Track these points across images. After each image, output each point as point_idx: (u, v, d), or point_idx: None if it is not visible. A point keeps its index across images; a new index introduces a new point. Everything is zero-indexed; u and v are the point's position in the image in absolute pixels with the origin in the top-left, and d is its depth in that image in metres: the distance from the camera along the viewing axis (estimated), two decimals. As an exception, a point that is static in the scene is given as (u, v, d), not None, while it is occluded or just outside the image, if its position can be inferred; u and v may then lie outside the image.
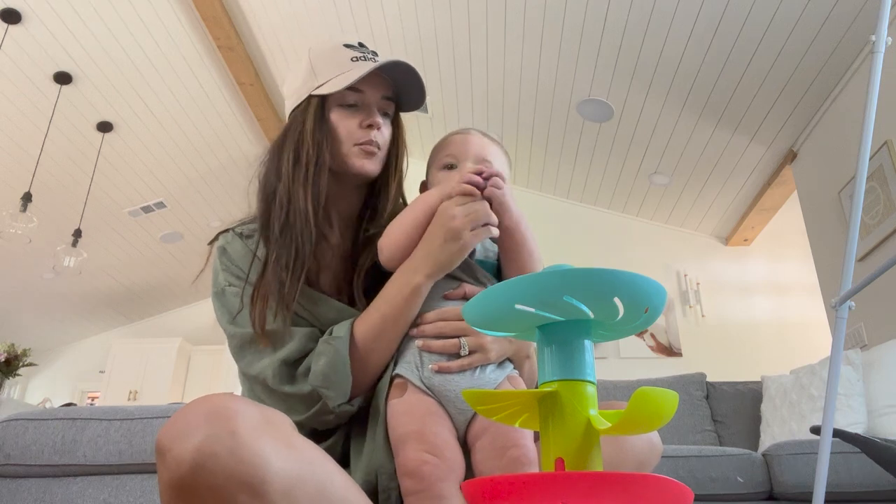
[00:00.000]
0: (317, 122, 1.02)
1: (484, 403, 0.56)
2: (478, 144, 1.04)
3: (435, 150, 1.08)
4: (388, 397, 0.91)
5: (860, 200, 1.54)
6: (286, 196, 0.99)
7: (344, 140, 1.03)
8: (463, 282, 0.98)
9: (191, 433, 0.63)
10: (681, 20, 3.50)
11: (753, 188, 4.86)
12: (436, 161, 1.06)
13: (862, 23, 3.22)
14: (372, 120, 1.04)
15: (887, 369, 2.58)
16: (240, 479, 0.63)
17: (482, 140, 1.06)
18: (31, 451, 1.66)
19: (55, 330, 7.09)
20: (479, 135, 1.07)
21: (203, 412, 0.65)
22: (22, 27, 3.83)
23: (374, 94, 1.05)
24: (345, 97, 1.03)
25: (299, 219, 0.98)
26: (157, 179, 5.29)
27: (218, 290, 1.02)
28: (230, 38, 4.11)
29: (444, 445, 0.82)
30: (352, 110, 1.04)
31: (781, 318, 5.30)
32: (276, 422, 0.71)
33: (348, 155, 1.03)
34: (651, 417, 0.49)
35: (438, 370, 0.89)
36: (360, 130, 1.03)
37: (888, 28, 1.60)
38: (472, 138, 1.05)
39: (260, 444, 0.65)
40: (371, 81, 1.04)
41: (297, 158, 1.01)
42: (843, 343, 1.51)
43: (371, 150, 1.03)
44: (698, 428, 3.01)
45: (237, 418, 0.65)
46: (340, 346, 0.92)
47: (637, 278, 0.52)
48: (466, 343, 0.90)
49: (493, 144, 1.07)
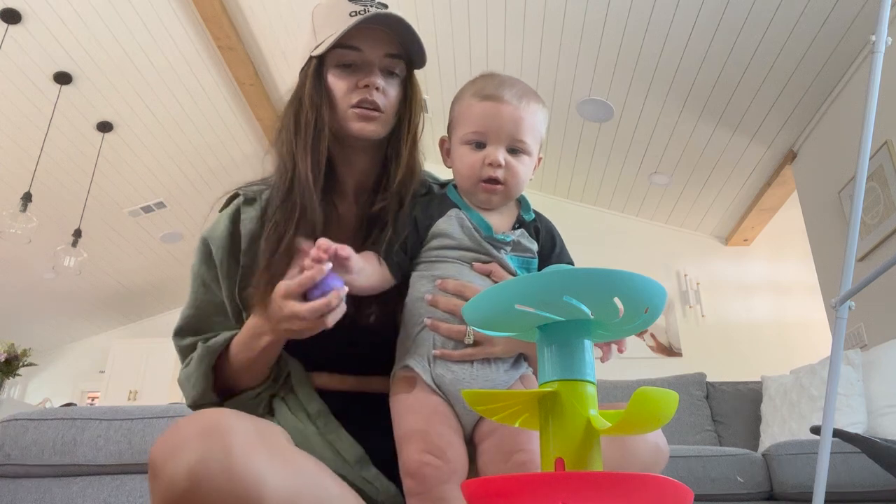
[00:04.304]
0: (314, 84, 0.97)
1: (483, 403, 0.56)
2: (513, 119, 0.93)
3: (462, 111, 0.97)
4: (394, 389, 0.88)
5: (860, 200, 1.54)
6: (289, 161, 0.96)
7: (339, 102, 0.96)
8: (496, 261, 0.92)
9: (184, 451, 0.62)
10: (681, 20, 3.49)
11: (753, 188, 4.85)
12: (461, 127, 0.96)
13: (862, 23, 3.22)
14: (368, 80, 0.95)
15: (887, 369, 2.58)
16: (236, 499, 0.61)
17: (517, 112, 0.93)
18: (31, 451, 1.66)
19: (55, 330, 7.08)
20: (515, 101, 0.93)
21: (197, 429, 0.63)
22: (22, 27, 3.82)
23: (374, 51, 0.97)
24: (342, 56, 0.96)
25: (300, 185, 0.93)
26: (157, 179, 5.29)
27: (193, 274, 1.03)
28: (230, 38, 4.11)
29: (448, 447, 0.80)
30: (350, 70, 0.97)
31: (781, 318, 5.30)
32: (270, 435, 0.69)
33: (345, 118, 0.96)
34: (651, 417, 0.49)
35: (440, 356, 0.86)
36: (356, 91, 0.96)
37: (888, 28, 1.60)
38: (506, 110, 0.92)
39: (255, 461, 0.63)
40: (370, 37, 0.96)
41: (297, 123, 0.96)
42: (843, 343, 1.51)
43: (368, 114, 0.96)
44: (698, 428, 3.01)
45: (231, 435, 0.63)
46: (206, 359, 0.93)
47: (637, 278, 0.52)
48: (472, 333, 0.87)
49: (528, 111, 0.94)
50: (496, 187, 0.94)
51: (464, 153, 0.95)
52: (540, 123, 0.97)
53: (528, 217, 1.00)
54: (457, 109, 0.98)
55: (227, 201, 1.05)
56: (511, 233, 0.95)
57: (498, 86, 0.95)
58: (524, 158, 0.95)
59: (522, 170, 0.95)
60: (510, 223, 0.97)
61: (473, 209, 0.95)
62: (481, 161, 0.93)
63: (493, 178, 0.93)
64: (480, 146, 0.94)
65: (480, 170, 0.93)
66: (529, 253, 0.95)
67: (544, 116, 0.98)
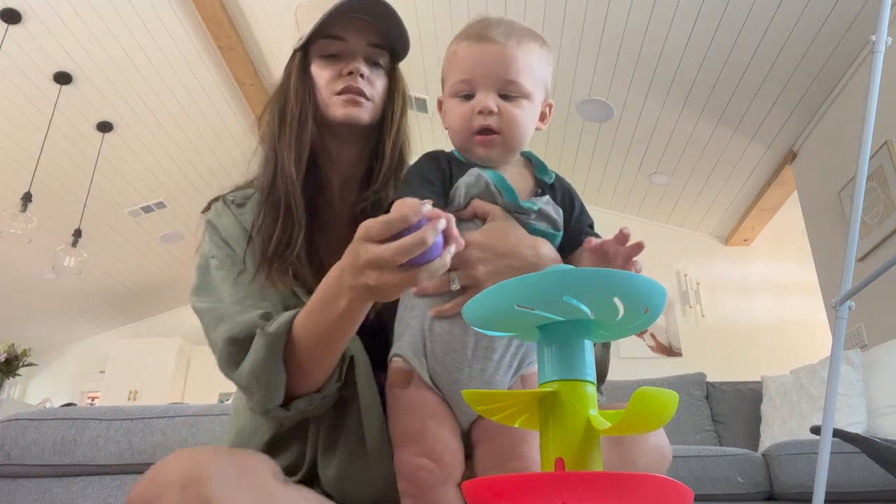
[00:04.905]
0: (299, 76, 0.96)
1: (483, 403, 0.56)
2: (500, 59, 0.82)
3: (448, 61, 0.88)
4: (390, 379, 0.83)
5: (860, 200, 1.54)
6: (273, 156, 0.94)
7: (323, 90, 0.95)
8: None
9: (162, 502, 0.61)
10: (681, 20, 3.49)
11: (753, 188, 4.86)
12: (448, 79, 0.87)
13: (862, 23, 3.22)
14: (352, 66, 0.94)
15: (887, 369, 2.58)
16: None
17: (505, 51, 0.82)
18: (31, 451, 1.66)
19: (55, 330, 7.08)
20: (502, 39, 0.83)
21: (174, 478, 0.62)
22: (22, 27, 3.82)
23: (357, 41, 0.95)
24: (325, 47, 0.95)
25: (283, 180, 0.91)
26: (157, 179, 5.29)
27: (201, 263, 0.94)
28: (230, 38, 4.11)
29: (444, 450, 0.77)
30: (333, 60, 0.95)
31: (781, 318, 5.30)
32: (254, 475, 0.68)
33: (329, 105, 0.94)
34: (651, 417, 0.49)
35: (436, 314, 0.79)
36: (340, 79, 0.94)
37: (888, 28, 1.60)
38: (492, 50, 0.83)
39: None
40: (354, 27, 0.95)
41: (283, 116, 0.95)
42: (843, 343, 1.51)
43: (353, 99, 0.93)
44: (698, 428, 3.01)
45: (209, 487, 0.62)
46: (273, 344, 0.79)
47: (636, 278, 0.52)
48: (456, 277, 0.79)
49: (521, 50, 0.83)
50: (492, 137, 0.84)
51: (453, 106, 0.86)
52: (538, 63, 0.85)
53: (547, 179, 0.90)
54: (444, 62, 0.89)
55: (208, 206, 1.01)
56: (537, 199, 0.85)
57: (484, 27, 0.85)
58: (522, 103, 0.85)
59: (521, 115, 0.84)
60: (529, 187, 0.88)
61: (489, 168, 0.85)
62: (471, 111, 0.83)
63: (486, 128, 0.83)
64: (469, 97, 0.84)
65: (471, 120, 0.84)
66: (554, 225, 0.86)
67: (544, 56, 0.87)
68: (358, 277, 0.67)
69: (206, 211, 1.00)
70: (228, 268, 0.91)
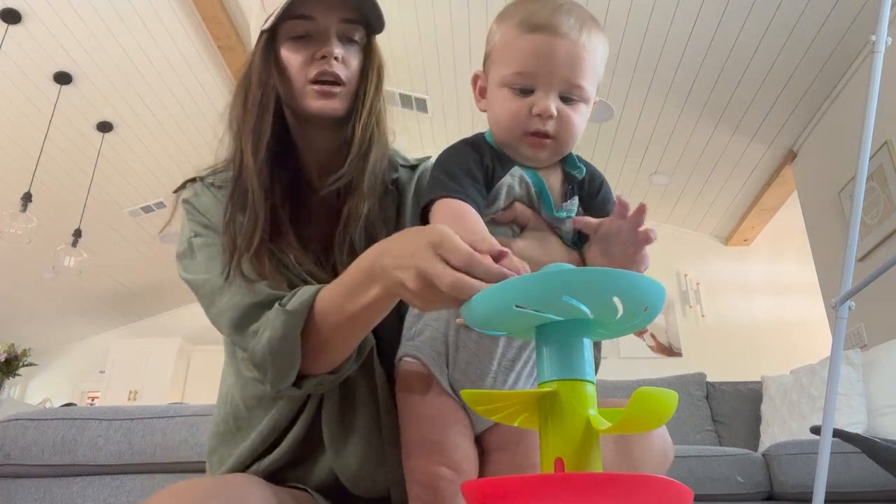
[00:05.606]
0: (263, 60, 0.90)
1: (482, 403, 0.56)
2: (571, 58, 0.75)
3: (504, 44, 0.79)
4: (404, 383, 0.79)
5: (860, 200, 1.54)
6: (238, 142, 0.90)
7: (295, 77, 0.88)
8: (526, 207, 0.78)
9: None
10: (681, 20, 3.49)
11: (753, 188, 4.86)
12: (502, 64, 0.79)
13: (862, 23, 3.22)
14: (325, 49, 0.87)
15: (887, 369, 2.58)
16: None
17: (576, 49, 0.75)
18: (31, 451, 1.66)
19: (55, 330, 7.08)
20: (575, 34, 0.75)
21: None
22: (22, 27, 3.82)
23: (328, 18, 0.88)
24: (294, 27, 0.88)
25: (247, 170, 0.87)
26: (157, 179, 5.29)
27: (182, 248, 0.90)
28: (230, 38, 4.11)
29: (463, 459, 0.74)
30: (304, 42, 0.88)
31: (781, 318, 5.30)
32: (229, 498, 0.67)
33: (303, 95, 0.89)
34: (651, 417, 0.49)
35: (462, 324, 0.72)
36: (313, 63, 0.88)
37: (888, 28, 1.60)
38: (563, 46, 0.75)
39: None
40: (322, 4, 0.87)
41: (245, 102, 0.90)
42: (843, 343, 1.51)
43: (328, 90, 0.88)
44: (698, 428, 3.01)
45: None
46: (293, 323, 0.76)
47: (636, 277, 0.52)
48: None
49: (589, 48, 0.76)
50: (545, 142, 0.78)
51: (504, 98, 0.78)
52: (601, 61, 0.79)
53: (578, 174, 0.83)
54: (497, 40, 0.80)
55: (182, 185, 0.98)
56: (568, 206, 0.81)
57: (553, 11, 0.76)
58: (580, 107, 0.79)
59: (578, 121, 0.78)
60: (559, 184, 0.83)
61: (529, 168, 0.80)
62: (527, 110, 0.76)
63: (542, 132, 0.77)
64: (527, 92, 0.77)
65: (526, 121, 0.77)
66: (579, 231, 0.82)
67: (605, 51, 0.80)
68: (403, 273, 0.64)
69: (181, 190, 0.96)
70: (217, 245, 0.88)
